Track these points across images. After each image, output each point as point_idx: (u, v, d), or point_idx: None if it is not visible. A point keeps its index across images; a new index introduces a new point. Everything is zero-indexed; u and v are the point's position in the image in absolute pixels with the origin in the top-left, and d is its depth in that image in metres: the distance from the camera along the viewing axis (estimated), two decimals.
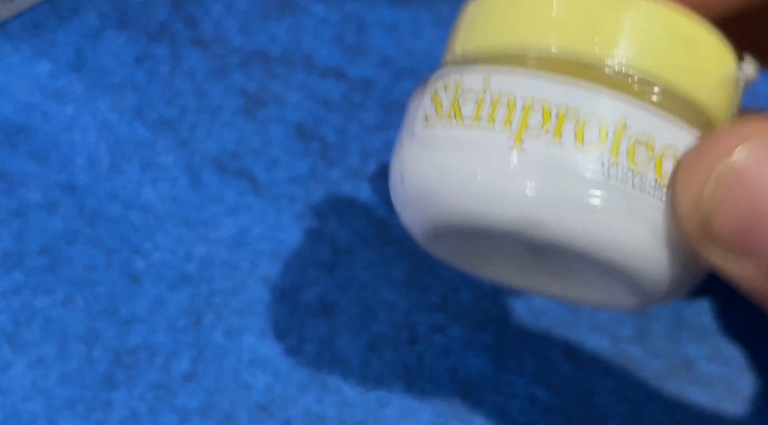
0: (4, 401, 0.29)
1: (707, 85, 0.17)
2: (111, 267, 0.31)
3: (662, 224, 0.16)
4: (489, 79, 0.17)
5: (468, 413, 0.29)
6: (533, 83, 0.16)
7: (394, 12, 0.35)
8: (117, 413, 0.29)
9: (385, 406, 0.29)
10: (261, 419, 0.29)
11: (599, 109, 0.16)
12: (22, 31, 0.35)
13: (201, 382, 0.29)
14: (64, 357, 0.30)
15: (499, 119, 0.16)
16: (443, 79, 0.18)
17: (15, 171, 0.32)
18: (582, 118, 0.16)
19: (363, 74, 0.34)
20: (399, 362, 0.29)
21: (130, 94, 0.33)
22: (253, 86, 0.33)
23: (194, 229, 0.31)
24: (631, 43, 0.16)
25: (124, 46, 0.34)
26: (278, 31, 0.34)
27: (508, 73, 0.17)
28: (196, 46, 0.34)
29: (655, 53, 0.16)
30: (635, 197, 0.16)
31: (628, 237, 0.16)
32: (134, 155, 0.32)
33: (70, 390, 0.29)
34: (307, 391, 0.29)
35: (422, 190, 0.18)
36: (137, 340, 0.30)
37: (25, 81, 0.34)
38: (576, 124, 0.16)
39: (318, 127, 0.33)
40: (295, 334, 0.30)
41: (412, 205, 0.19)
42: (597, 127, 0.16)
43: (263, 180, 0.32)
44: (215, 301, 0.30)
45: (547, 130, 0.16)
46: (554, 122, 0.16)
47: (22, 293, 0.30)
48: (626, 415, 0.28)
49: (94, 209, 0.32)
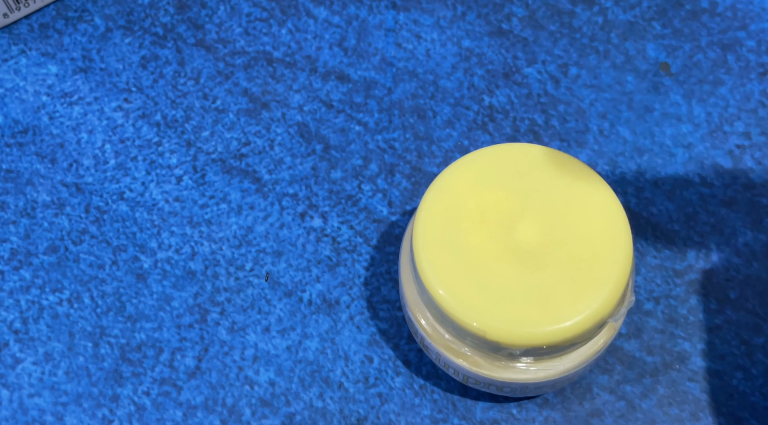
0: (12, 396, 0.29)
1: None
2: (117, 265, 0.31)
3: None
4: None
5: (467, 408, 0.29)
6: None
7: (395, 14, 0.35)
8: (123, 408, 0.29)
9: (386, 402, 0.29)
10: (264, 414, 0.29)
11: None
12: (29, 34, 0.35)
13: (205, 378, 0.29)
14: (71, 353, 0.30)
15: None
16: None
17: (22, 171, 0.32)
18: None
19: (364, 76, 0.34)
20: (400, 358, 0.29)
21: (135, 95, 0.34)
22: (256, 87, 0.34)
23: (199, 228, 0.31)
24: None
25: (130, 48, 0.34)
26: (281, 34, 0.35)
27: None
28: (201, 48, 0.34)
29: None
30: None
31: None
32: (140, 155, 0.33)
33: (76, 386, 0.29)
34: (310, 387, 0.29)
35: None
36: (143, 337, 0.30)
37: (32, 82, 0.34)
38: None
39: (320, 128, 0.33)
40: (298, 331, 0.30)
41: None
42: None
43: (266, 180, 0.32)
44: (219, 299, 0.30)
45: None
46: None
47: (30, 291, 0.31)
48: (622, 410, 0.29)
49: (100, 209, 0.32)
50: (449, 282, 0.25)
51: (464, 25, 0.35)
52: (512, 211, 0.26)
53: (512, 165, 0.27)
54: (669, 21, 0.34)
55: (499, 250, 0.25)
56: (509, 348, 0.25)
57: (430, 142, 0.33)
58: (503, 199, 0.26)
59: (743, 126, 0.32)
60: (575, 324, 0.24)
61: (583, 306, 0.25)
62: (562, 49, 0.34)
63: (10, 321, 0.30)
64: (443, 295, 0.25)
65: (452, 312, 0.25)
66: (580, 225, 0.26)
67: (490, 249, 0.25)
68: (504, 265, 0.25)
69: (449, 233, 0.26)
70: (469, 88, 0.33)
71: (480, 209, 0.26)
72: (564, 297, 0.25)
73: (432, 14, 0.35)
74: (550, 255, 0.25)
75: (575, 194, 0.26)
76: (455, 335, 0.26)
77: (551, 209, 0.26)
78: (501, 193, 0.26)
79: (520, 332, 0.25)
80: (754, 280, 0.30)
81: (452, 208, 0.26)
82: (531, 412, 0.29)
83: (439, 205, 0.26)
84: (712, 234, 0.31)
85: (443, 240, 0.26)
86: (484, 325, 0.25)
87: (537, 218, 0.26)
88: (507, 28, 0.34)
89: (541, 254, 0.25)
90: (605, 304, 0.25)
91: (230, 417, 0.29)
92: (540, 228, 0.26)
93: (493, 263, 0.25)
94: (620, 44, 0.34)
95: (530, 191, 0.26)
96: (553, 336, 0.24)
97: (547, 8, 0.35)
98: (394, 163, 0.32)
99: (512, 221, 0.26)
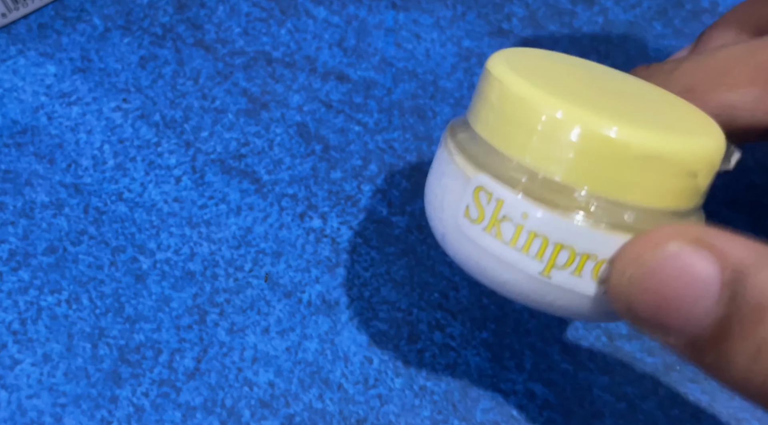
0: (11, 398, 0.29)
1: (670, 196, 0.21)
2: (116, 266, 0.31)
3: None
4: (527, 217, 0.21)
5: (467, 409, 0.29)
6: (563, 229, 0.21)
7: (395, 15, 0.35)
8: (122, 410, 0.29)
9: (386, 403, 0.29)
10: (263, 415, 0.29)
11: (595, 249, 0.21)
12: (28, 34, 0.35)
13: (204, 379, 0.29)
14: (70, 354, 0.30)
15: (533, 251, 0.21)
16: (485, 186, 0.22)
17: (21, 171, 0.32)
18: (593, 258, 0.21)
19: (364, 76, 0.34)
20: (399, 359, 0.29)
21: (134, 96, 0.34)
22: (255, 88, 0.34)
23: (198, 229, 0.31)
24: (605, 174, 0.21)
25: (129, 48, 0.34)
26: (280, 34, 0.35)
27: (545, 216, 0.21)
28: (200, 48, 0.34)
29: (620, 180, 0.21)
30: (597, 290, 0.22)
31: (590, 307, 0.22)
32: (138, 156, 0.33)
33: (75, 387, 0.29)
34: (309, 388, 0.29)
35: (461, 262, 0.23)
36: (142, 338, 0.30)
37: (31, 83, 0.34)
38: (594, 265, 0.21)
39: (320, 128, 0.33)
40: (297, 332, 0.30)
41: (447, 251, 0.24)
42: (593, 263, 0.21)
43: (266, 180, 0.32)
44: (218, 300, 0.30)
45: (571, 267, 0.21)
46: (577, 263, 0.21)
47: (28, 292, 0.31)
48: (623, 411, 0.28)
49: (98, 209, 0.32)
50: (561, 94, 0.21)
51: (464, 25, 0.34)
52: (592, 73, 0.24)
53: (572, 59, 0.25)
54: (670, 21, 0.34)
55: (595, 90, 0.22)
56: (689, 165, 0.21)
57: (430, 142, 0.33)
58: (578, 65, 0.24)
59: None
60: (711, 141, 0.21)
61: (706, 132, 0.22)
62: (562, 49, 0.34)
63: (9, 322, 0.30)
64: (556, 105, 0.21)
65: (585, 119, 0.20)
66: (662, 93, 0.24)
67: (584, 87, 0.22)
68: (605, 98, 0.22)
69: (536, 75, 0.22)
70: (469, 88, 0.33)
71: (558, 66, 0.23)
72: (683, 125, 0.22)
73: (432, 14, 0.35)
74: (649, 100, 0.23)
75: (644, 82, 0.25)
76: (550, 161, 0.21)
77: (631, 81, 0.24)
78: (573, 62, 0.24)
79: (656, 137, 0.20)
80: None
81: (529, 62, 0.23)
82: (531, 413, 0.29)
83: (514, 59, 0.23)
84: None
85: (532, 77, 0.22)
86: (616, 133, 0.20)
87: (620, 80, 0.24)
88: (507, 28, 0.34)
89: (639, 97, 0.23)
90: (720, 137, 0.22)
91: (229, 418, 0.29)
92: (627, 84, 0.23)
93: (593, 95, 0.22)
94: (621, 44, 0.34)
95: (601, 70, 0.24)
96: (692, 150, 0.21)
97: (547, 8, 0.35)
98: (393, 163, 0.32)
99: (596, 76, 0.23)
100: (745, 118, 0.25)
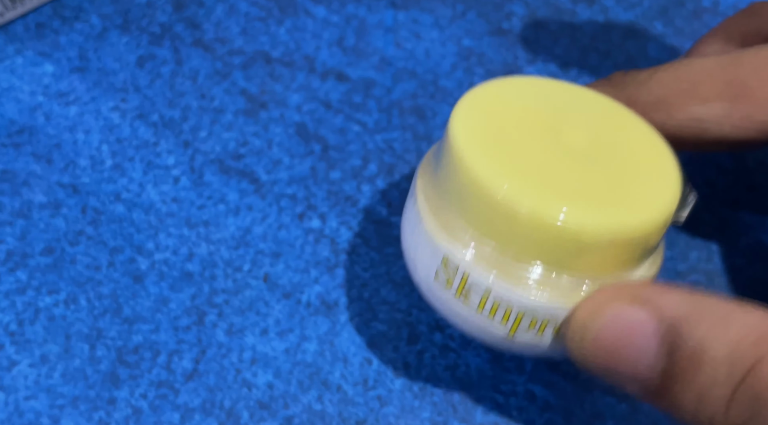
0: (8, 399, 0.29)
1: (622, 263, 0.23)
2: (114, 267, 0.31)
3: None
4: (490, 290, 0.23)
5: (467, 411, 0.29)
6: (523, 301, 0.23)
7: (394, 14, 0.35)
8: (120, 411, 0.29)
9: (385, 404, 0.29)
10: (262, 417, 0.29)
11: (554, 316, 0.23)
12: (25, 33, 0.35)
13: (203, 381, 0.29)
14: (68, 356, 0.30)
15: (498, 318, 0.23)
16: (451, 258, 0.24)
17: (18, 171, 0.32)
18: (553, 322, 0.23)
19: (363, 75, 0.34)
20: (399, 360, 0.29)
21: (132, 95, 0.34)
22: (254, 87, 0.34)
23: (196, 229, 0.31)
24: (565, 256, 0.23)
25: (127, 47, 0.34)
26: (279, 33, 0.35)
27: (507, 289, 0.23)
28: (198, 48, 0.34)
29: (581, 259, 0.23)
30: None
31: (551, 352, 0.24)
32: (136, 156, 0.33)
33: (73, 388, 0.29)
34: (308, 389, 0.29)
35: (435, 310, 0.25)
36: (140, 339, 0.30)
37: (29, 82, 0.34)
38: (553, 327, 0.23)
39: (319, 128, 0.33)
40: (296, 333, 0.30)
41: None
42: (553, 325, 0.23)
43: (264, 180, 0.32)
44: (217, 301, 0.30)
45: (533, 330, 0.23)
46: (538, 326, 0.23)
47: (26, 293, 0.31)
48: (624, 413, 0.28)
49: (96, 209, 0.32)
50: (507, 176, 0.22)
51: (464, 25, 0.34)
52: (557, 120, 0.24)
53: (548, 87, 0.26)
54: (670, 20, 0.34)
55: (550, 151, 0.23)
56: (591, 242, 0.22)
57: (430, 142, 0.33)
58: (542, 109, 0.25)
59: None
60: (661, 211, 0.23)
61: (658, 196, 0.23)
62: (562, 48, 0.34)
63: (6, 323, 0.30)
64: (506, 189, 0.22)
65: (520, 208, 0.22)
66: (626, 130, 0.25)
67: (539, 150, 0.23)
68: (559, 164, 0.23)
69: (492, 138, 0.23)
70: (469, 87, 0.33)
71: (520, 116, 0.24)
72: (635, 190, 0.23)
73: (431, 13, 0.35)
74: (604, 155, 0.24)
75: (610, 115, 0.25)
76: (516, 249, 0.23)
77: (593, 123, 0.25)
78: (539, 103, 0.25)
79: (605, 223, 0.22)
80: (757, 282, 0.30)
81: (489, 116, 0.24)
82: (531, 415, 0.29)
83: (474, 115, 0.24)
84: (714, 235, 0.31)
85: (485, 139, 0.23)
86: (565, 221, 0.22)
87: (583, 127, 0.24)
88: (507, 28, 0.34)
89: (594, 154, 0.24)
90: (674, 196, 0.23)
91: (228, 419, 0.29)
92: (588, 134, 0.24)
93: (546, 163, 0.23)
94: (621, 44, 0.34)
95: (569, 105, 0.25)
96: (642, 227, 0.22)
97: (547, 7, 0.35)
98: (393, 164, 0.32)
99: (557, 125, 0.24)
100: (714, 132, 0.26)
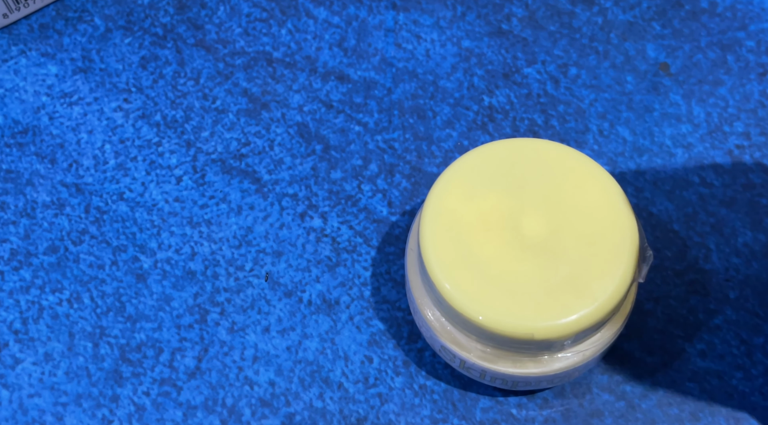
0: (12, 397, 0.29)
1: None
2: (117, 265, 0.31)
3: None
4: (485, 372, 0.27)
5: (467, 409, 0.29)
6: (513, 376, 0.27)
7: (395, 15, 0.35)
8: (123, 408, 0.29)
9: (386, 402, 0.29)
10: (264, 414, 0.29)
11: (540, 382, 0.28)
12: (29, 34, 0.35)
13: (205, 378, 0.29)
14: (71, 353, 0.30)
15: (497, 384, 0.28)
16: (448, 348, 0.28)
17: (22, 171, 0.32)
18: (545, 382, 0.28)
19: (364, 76, 0.34)
20: (399, 359, 0.29)
21: (135, 96, 0.34)
22: (256, 88, 0.34)
23: (198, 228, 0.31)
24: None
25: (130, 48, 0.34)
26: (281, 34, 0.35)
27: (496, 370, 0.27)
28: (201, 49, 0.34)
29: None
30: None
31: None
32: (139, 156, 0.33)
33: (76, 386, 0.29)
34: (310, 387, 0.29)
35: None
36: (143, 337, 0.30)
37: (32, 83, 0.34)
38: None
39: (320, 128, 0.33)
40: (298, 331, 0.30)
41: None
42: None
43: (266, 180, 0.32)
44: (219, 299, 0.30)
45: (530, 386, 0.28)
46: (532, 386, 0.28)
47: (30, 291, 0.31)
48: (622, 410, 0.29)
49: (100, 209, 0.32)
50: (469, 292, 0.26)
51: (464, 26, 0.35)
52: (516, 208, 0.26)
53: (511, 161, 0.27)
54: (669, 21, 0.34)
55: (510, 249, 0.26)
56: (555, 340, 0.25)
57: (430, 142, 0.33)
58: (506, 197, 0.27)
59: (743, 126, 0.32)
60: (609, 296, 0.25)
61: (608, 281, 0.25)
62: (561, 49, 0.34)
63: (10, 322, 0.30)
64: (472, 311, 0.25)
65: (496, 326, 0.25)
66: (583, 208, 0.26)
67: (500, 249, 0.26)
68: (517, 263, 0.26)
69: (457, 241, 0.26)
70: (469, 88, 0.33)
71: (484, 210, 0.26)
72: (587, 278, 0.26)
73: (432, 14, 0.35)
74: (561, 243, 0.26)
75: (572, 180, 0.27)
76: (493, 344, 0.26)
77: (553, 200, 0.27)
78: (503, 190, 0.27)
79: (563, 324, 0.25)
80: (753, 280, 0.30)
81: (455, 214, 0.27)
82: (531, 412, 0.29)
83: (442, 214, 0.27)
84: (711, 234, 0.31)
85: (453, 250, 0.26)
86: (529, 328, 0.25)
87: (541, 211, 0.26)
88: (507, 28, 0.35)
89: (552, 244, 0.26)
90: (628, 271, 0.26)
91: (230, 417, 0.29)
92: (546, 220, 0.26)
93: (505, 263, 0.26)
94: (620, 44, 0.34)
95: (531, 185, 0.27)
96: (593, 316, 0.25)
97: (547, 8, 0.35)
98: (393, 163, 0.32)
99: (517, 218, 0.26)
100: None
